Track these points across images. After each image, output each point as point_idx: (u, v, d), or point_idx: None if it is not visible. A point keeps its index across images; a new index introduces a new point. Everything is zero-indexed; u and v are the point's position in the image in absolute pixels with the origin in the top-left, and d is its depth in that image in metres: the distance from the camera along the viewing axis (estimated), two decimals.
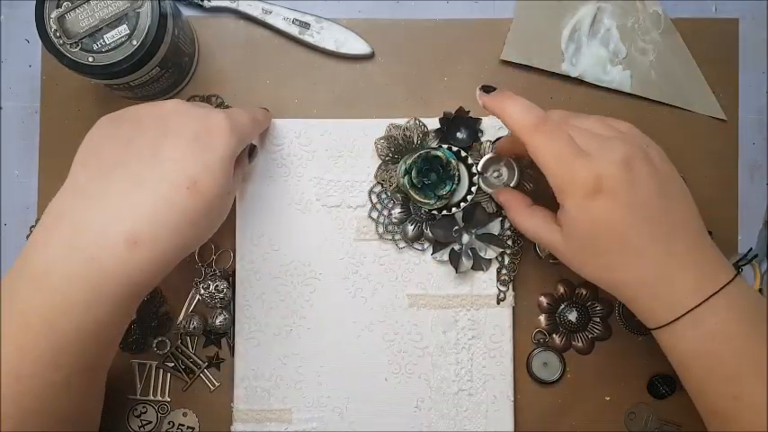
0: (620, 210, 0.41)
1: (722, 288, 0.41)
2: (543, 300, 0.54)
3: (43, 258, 0.38)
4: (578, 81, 0.54)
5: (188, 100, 0.54)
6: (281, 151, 0.53)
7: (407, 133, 0.52)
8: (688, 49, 0.54)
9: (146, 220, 0.38)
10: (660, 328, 0.43)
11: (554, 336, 0.53)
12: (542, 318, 0.54)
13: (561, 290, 0.54)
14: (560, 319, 0.53)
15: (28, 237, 0.53)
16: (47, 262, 0.38)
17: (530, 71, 0.54)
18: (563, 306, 0.53)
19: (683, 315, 0.41)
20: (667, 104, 0.54)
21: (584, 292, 0.53)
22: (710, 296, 0.41)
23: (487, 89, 0.45)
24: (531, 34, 0.54)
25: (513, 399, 0.52)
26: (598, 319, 0.53)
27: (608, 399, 0.53)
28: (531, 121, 0.42)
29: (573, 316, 0.53)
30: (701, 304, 0.41)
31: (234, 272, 0.53)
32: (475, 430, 0.52)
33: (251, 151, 0.50)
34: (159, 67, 0.48)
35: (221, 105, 0.54)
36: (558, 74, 0.54)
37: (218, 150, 0.41)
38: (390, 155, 0.52)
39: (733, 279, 0.42)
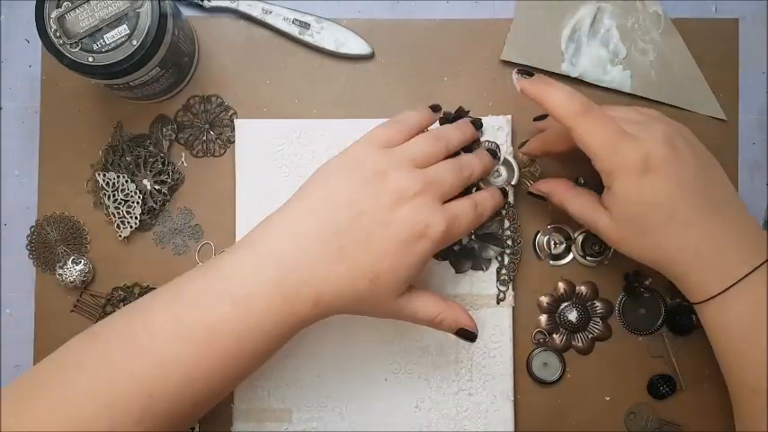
0: (669, 185, 0.43)
1: None
2: (543, 300, 0.54)
3: (249, 284, 0.41)
4: (578, 81, 0.54)
5: (188, 100, 0.54)
6: (282, 151, 0.52)
7: None
8: (688, 49, 0.54)
9: (330, 291, 0.42)
10: (709, 299, 0.44)
11: (554, 336, 0.53)
12: (542, 318, 0.54)
13: (561, 290, 0.54)
14: (560, 319, 0.53)
15: (28, 237, 0.53)
16: (252, 289, 0.41)
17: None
18: (563, 306, 0.53)
19: (735, 284, 0.43)
20: (667, 104, 0.54)
21: (585, 292, 0.53)
22: (760, 265, 0.43)
23: (525, 73, 0.46)
24: (531, 34, 0.54)
25: (513, 398, 0.52)
26: (598, 319, 0.53)
27: (608, 399, 0.53)
28: (577, 107, 0.43)
29: (573, 316, 0.53)
30: (751, 273, 0.42)
31: None
32: (475, 430, 0.52)
33: (464, 335, 0.47)
34: (159, 67, 0.48)
35: (221, 105, 0.54)
36: (558, 74, 0.54)
37: (414, 257, 0.43)
38: None
39: None
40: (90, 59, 0.45)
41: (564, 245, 0.53)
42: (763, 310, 0.42)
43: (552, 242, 0.53)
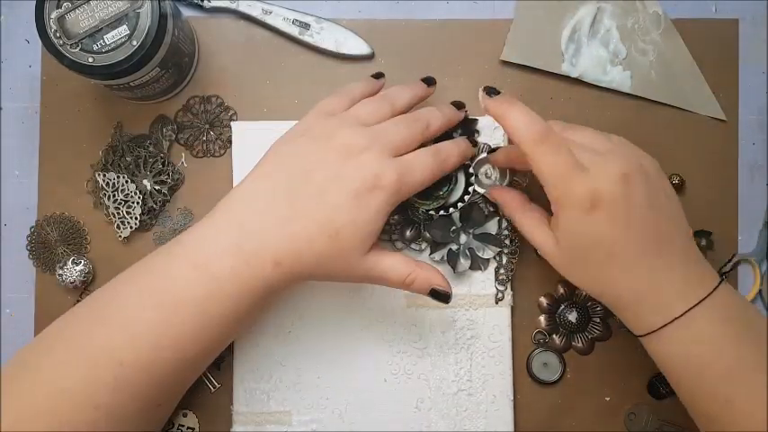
0: (612, 226, 0.42)
1: (708, 295, 0.43)
2: (543, 300, 0.54)
3: (210, 250, 0.42)
4: (578, 81, 0.54)
5: (188, 100, 0.54)
6: None
7: None
8: (688, 49, 0.54)
9: (289, 250, 0.42)
10: (648, 334, 0.44)
11: (554, 336, 0.53)
12: (542, 318, 0.54)
13: (561, 290, 0.54)
14: (560, 320, 0.53)
15: (28, 237, 0.53)
16: (214, 253, 0.42)
17: (530, 71, 0.54)
18: (563, 306, 0.53)
19: (668, 324, 0.43)
20: (667, 104, 0.54)
21: (584, 293, 0.53)
22: (697, 303, 0.42)
23: (490, 91, 0.45)
24: (531, 34, 0.54)
25: (512, 398, 0.52)
26: (598, 320, 0.53)
27: (608, 399, 0.53)
28: (535, 134, 0.43)
29: (573, 316, 0.53)
30: (687, 311, 0.42)
31: None
32: (475, 430, 0.52)
33: (437, 295, 0.46)
34: (159, 68, 0.48)
35: (221, 106, 0.54)
36: (558, 74, 0.54)
37: (370, 210, 0.43)
38: None
39: (718, 286, 0.43)
40: (90, 60, 0.45)
41: None
42: (702, 345, 0.42)
43: None
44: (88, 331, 0.42)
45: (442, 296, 0.45)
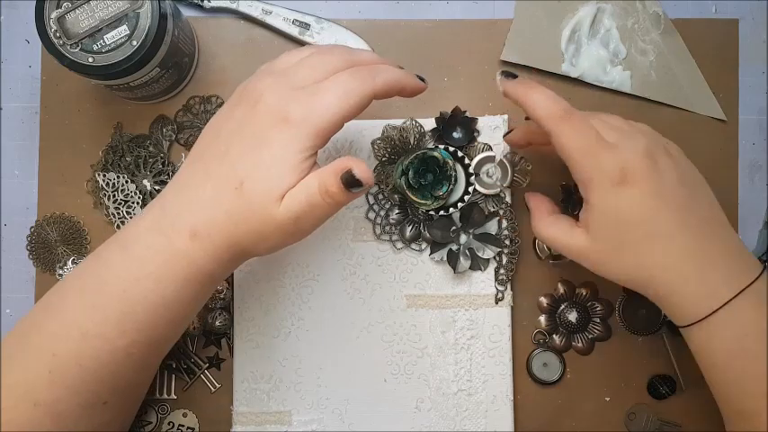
0: (647, 198, 0.41)
1: (755, 280, 0.41)
2: (543, 300, 0.54)
3: (135, 229, 0.41)
4: (578, 81, 0.54)
5: (188, 101, 0.54)
6: None
7: (404, 134, 0.52)
8: (688, 49, 0.54)
9: (202, 216, 0.40)
10: (694, 324, 0.42)
11: (554, 336, 0.53)
12: (542, 318, 0.54)
13: (561, 290, 0.54)
14: (560, 320, 0.53)
15: (28, 237, 0.53)
16: (137, 233, 0.41)
17: (530, 71, 0.54)
18: (563, 306, 0.53)
19: (719, 309, 0.41)
20: (667, 104, 0.54)
21: (585, 293, 0.53)
22: (744, 288, 0.41)
23: (508, 74, 0.44)
24: (531, 35, 0.54)
25: (512, 398, 0.52)
26: (598, 320, 0.53)
27: (608, 399, 0.53)
28: (558, 111, 0.42)
29: (573, 316, 0.53)
30: (735, 296, 0.41)
31: (232, 273, 0.53)
32: (475, 430, 0.52)
33: (349, 179, 0.39)
34: (159, 68, 0.48)
35: (221, 106, 0.54)
36: (558, 74, 0.54)
37: (273, 149, 0.38)
38: (387, 156, 0.52)
39: (763, 272, 0.42)
40: (90, 60, 0.45)
41: None
42: (747, 337, 0.41)
43: None
44: (35, 324, 0.41)
45: (350, 181, 0.38)
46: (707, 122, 0.55)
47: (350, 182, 0.38)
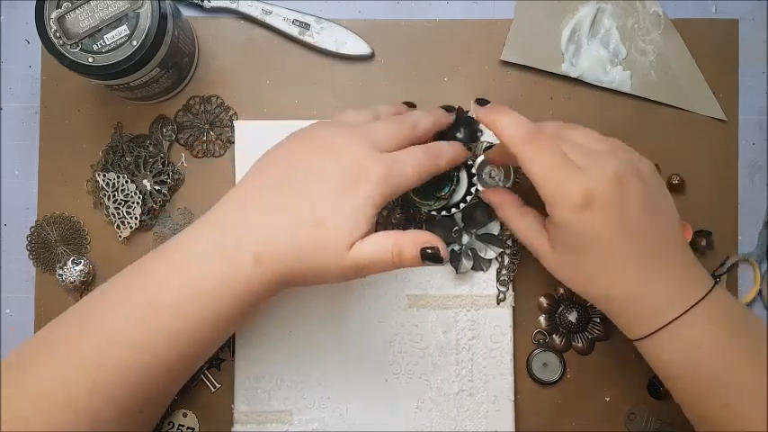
0: (607, 225, 0.42)
1: (700, 300, 0.42)
2: (543, 300, 0.54)
3: (188, 250, 0.42)
4: (578, 81, 0.54)
5: (188, 101, 0.54)
6: None
7: None
8: (688, 49, 0.54)
9: (271, 246, 0.41)
10: (643, 338, 0.44)
11: (554, 336, 0.54)
12: (542, 318, 0.54)
13: (561, 290, 0.54)
14: (560, 320, 0.53)
15: (28, 237, 0.53)
16: (190, 253, 0.41)
17: (530, 71, 0.54)
18: (563, 306, 0.53)
19: (662, 327, 0.42)
20: (667, 104, 0.54)
21: None
22: (689, 308, 0.42)
23: (481, 102, 0.46)
24: (531, 35, 0.54)
25: (513, 399, 0.52)
26: (598, 320, 0.53)
27: (608, 399, 0.54)
28: (522, 134, 0.43)
29: (573, 316, 0.53)
30: (683, 314, 0.42)
31: None
32: (476, 430, 0.52)
33: (432, 256, 0.42)
34: (159, 68, 0.48)
35: (221, 106, 0.54)
36: (558, 74, 0.54)
37: (355, 201, 0.41)
38: None
39: (712, 289, 0.43)
40: (90, 60, 0.45)
41: None
42: (700, 349, 0.42)
43: None
44: (72, 334, 0.42)
45: (435, 257, 0.42)
46: (707, 122, 0.55)
47: (431, 257, 0.42)
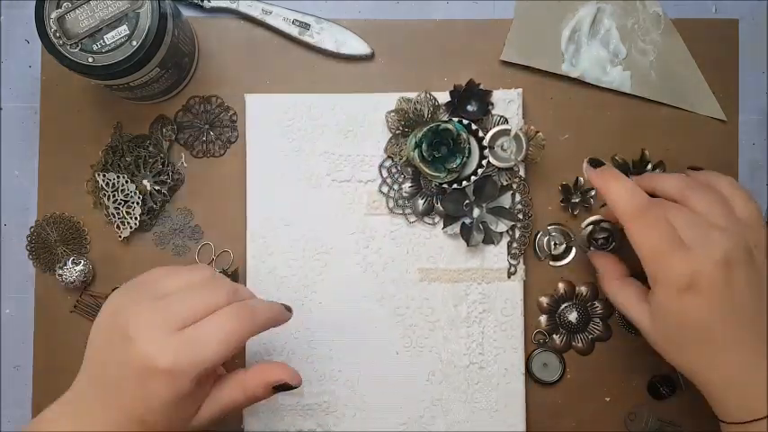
0: (711, 310, 0.41)
1: None
2: (543, 300, 0.54)
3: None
4: (578, 81, 0.54)
5: (188, 101, 0.54)
6: (292, 126, 0.52)
7: (418, 107, 0.51)
8: (688, 49, 0.54)
9: None
10: (737, 423, 0.43)
11: (554, 336, 0.53)
12: (542, 318, 0.54)
13: (561, 290, 0.54)
14: (560, 320, 0.53)
15: (28, 237, 0.53)
16: None
17: (530, 71, 0.54)
18: (563, 306, 0.53)
19: (758, 420, 0.41)
20: (667, 104, 0.54)
21: (585, 293, 0.53)
22: None
23: (594, 163, 0.46)
24: (531, 35, 0.54)
25: (524, 371, 0.52)
26: (598, 320, 0.53)
27: (608, 399, 0.53)
28: (633, 208, 0.43)
29: (573, 316, 0.53)
30: None
31: (234, 272, 0.53)
32: (486, 403, 0.52)
33: (284, 388, 0.42)
34: (159, 68, 0.48)
35: (221, 106, 0.54)
36: (558, 74, 0.54)
37: (157, 399, 0.38)
38: (401, 128, 0.52)
39: None
40: (90, 60, 0.45)
41: (564, 245, 0.53)
42: None
43: (552, 243, 0.53)
44: None
45: (284, 388, 0.42)
46: (707, 122, 0.55)
47: (284, 389, 0.42)
